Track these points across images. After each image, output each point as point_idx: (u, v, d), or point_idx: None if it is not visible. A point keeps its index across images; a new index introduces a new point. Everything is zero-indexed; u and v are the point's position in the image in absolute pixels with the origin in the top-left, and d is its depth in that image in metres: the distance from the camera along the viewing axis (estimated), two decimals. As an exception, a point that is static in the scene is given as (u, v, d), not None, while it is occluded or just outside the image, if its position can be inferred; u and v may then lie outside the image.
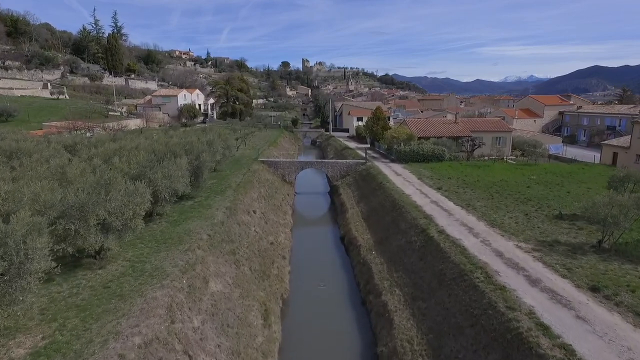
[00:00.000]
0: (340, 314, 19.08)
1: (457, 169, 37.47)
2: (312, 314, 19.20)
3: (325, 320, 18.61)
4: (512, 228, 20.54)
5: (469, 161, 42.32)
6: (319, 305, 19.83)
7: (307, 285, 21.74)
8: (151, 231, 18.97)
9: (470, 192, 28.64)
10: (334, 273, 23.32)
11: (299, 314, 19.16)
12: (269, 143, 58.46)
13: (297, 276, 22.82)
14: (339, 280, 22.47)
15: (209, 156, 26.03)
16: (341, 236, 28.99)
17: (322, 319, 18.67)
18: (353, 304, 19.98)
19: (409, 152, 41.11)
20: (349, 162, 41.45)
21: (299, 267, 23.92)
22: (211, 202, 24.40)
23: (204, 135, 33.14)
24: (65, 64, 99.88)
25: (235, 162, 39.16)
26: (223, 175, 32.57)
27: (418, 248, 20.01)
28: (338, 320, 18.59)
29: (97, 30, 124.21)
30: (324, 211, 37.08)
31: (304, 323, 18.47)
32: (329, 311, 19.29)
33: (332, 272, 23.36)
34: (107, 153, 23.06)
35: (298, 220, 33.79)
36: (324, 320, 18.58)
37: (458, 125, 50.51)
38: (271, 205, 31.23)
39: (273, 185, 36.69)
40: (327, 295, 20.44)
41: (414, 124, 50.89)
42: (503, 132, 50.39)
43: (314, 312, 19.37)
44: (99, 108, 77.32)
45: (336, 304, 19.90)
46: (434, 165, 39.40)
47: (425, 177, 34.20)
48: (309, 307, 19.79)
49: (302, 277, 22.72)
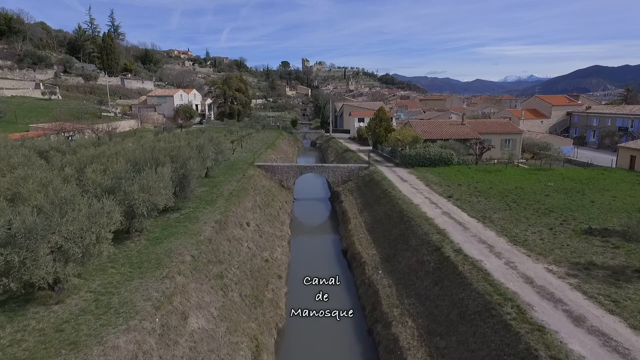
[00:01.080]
0: (343, 347, 16.63)
1: (466, 174, 35.04)
2: (310, 347, 16.75)
3: (326, 355, 16.16)
4: (538, 246, 18.10)
5: (478, 165, 39.88)
6: (318, 335, 17.37)
7: (305, 308, 19.25)
8: (127, 251, 16.56)
9: (484, 201, 26.21)
10: (335, 294, 20.87)
11: (296, 348, 16.71)
12: (267, 145, 56.03)
13: (294, 298, 20.37)
14: (341, 302, 20.01)
15: (198, 163, 23.59)
16: (343, 249, 26.55)
17: (322, 354, 16.22)
18: (358, 333, 17.53)
19: (414, 156, 38.67)
20: (350, 167, 39.02)
21: (297, 287, 21.46)
22: (199, 214, 21.97)
23: (196, 139, 30.71)
24: (59, 63, 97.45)
25: (230, 167, 36.73)
26: (215, 182, 30.14)
27: (432, 270, 17.57)
28: (341, 355, 16.15)
29: (93, 29, 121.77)
30: (324, 220, 34.64)
31: (301, 358, 16.04)
32: (331, 343, 16.84)
33: (334, 293, 20.92)
34: (83, 161, 20.64)
35: (296, 229, 31.36)
36: (324, 356, 16.13)
37: (465, 126, 48.06)
38: (267, 215, 28.79)
39: (270, 192, 34.26)
40: (328, 323, 17.97)
41: (419, 126, 48.47)
42: (512, 134, 47.96)
43: (313, 344, 16.92)
44: (92, 109, 74.92)
45: (338, 334, 17.44)
46: (441, 170, 36.97)
47: (434, 184, 31.77)
48: (308, 337, 17.34)
49: (300, 298, 20.27)
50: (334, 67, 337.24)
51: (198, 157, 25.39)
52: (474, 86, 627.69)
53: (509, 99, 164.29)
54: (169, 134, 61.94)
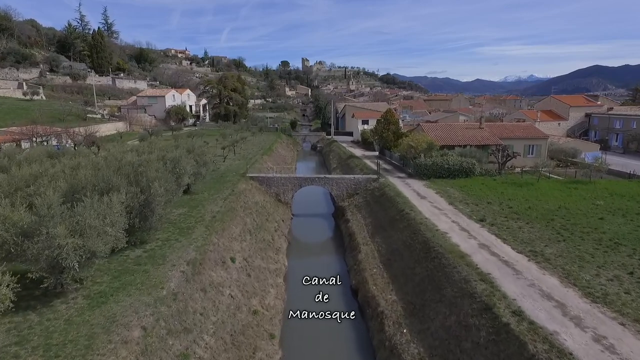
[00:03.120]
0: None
1: (493, 189, 30.03)
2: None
3: None
4: (628, 305, 13.08)
5: (502, 176, 34.85)
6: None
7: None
8: (50, 321, 11.55)
9: (526, 227, 21.19)
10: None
11: None
12: (263, 151, 51.00)
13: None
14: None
15: (171, 183, 18.54)
16: (353, 287, 21.51)
17: None
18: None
19: (431, 166, 33.64)
20: (357, 178, 33.98)
21: (294, 348, 16.42)
22: (168, 250, 16.94)
23: (175, 149, 25.71)
24: (45, 61, 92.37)
25: (218, 180, 31.71)
26: (197, 201, 25.12)
27: (485, 343, 12.53)
28: None
29: (83, 27, 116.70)
30: (328, 241, 29.61)
31: None
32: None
33: (344, 357, 15.89)
34: (9, 185, 15.62)
35: (295, 256, 26.33)
36: None
37: (484, 131, 43.06)
38: (259, 242, 23.75)
39: (264, 209, 29.23)
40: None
41: (432, 130, 43.46)
42: (537, 138, 42.99)
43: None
44: (77, 110, 69.86)
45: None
46: (462, 183, 31.96)
47: (458, 201, 26.75)
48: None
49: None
50: (334, 66, 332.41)
51: (172, 173, 20.36)
52: (474, 86, 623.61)
53: (514, 99, 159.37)
54: (157, 137, 57.04)
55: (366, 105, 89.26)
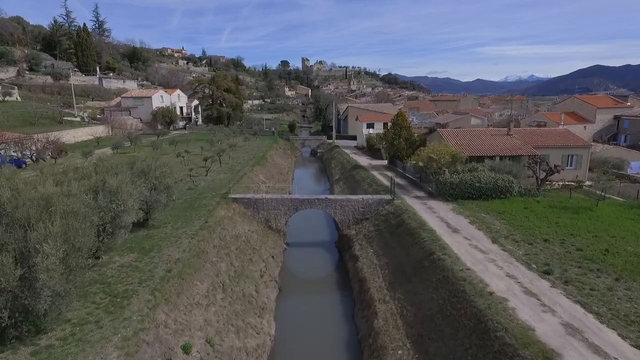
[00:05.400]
0: None
1: (541, 216, 23.45)
2: None
3: None
4: None
5: (544, 195, 28.25)
6: None
7: None
8: None
9: (619, 286, 14.63)
10: None
11: None
12: (256, 160, 44.41)
13: None
14: None
15: (87, 235, 11.97)
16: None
17: None
18: None
19: (458, 185, 27.07)
20: (366, 200, 27.37)
21: None
22: (75, 349, 10.41)
23: (131, 167, 19.17)
24: (24, 60, 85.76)
25: (192, 203, 25.16)
26: (155, 240, 18.58)
27: None
28: None
29: (70, 23, 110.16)
30: (331, 286, 22.98)
31: None
32: None
33: None
34: None
35: (286, 313, 19.75)
36: None
37: (514, 138, 36.48)
38: (236, 301, 17.17)
39: (247, 244, 22.66)
40: None
41: (451, 137, 36.88)
42: (577, 147, 36.35)
43: None
44: (52, 113, 63.34)
45: None
46: (499, 207, 25.38)
47: (503, 237, 20.18)
48: None
49: None
50: (335, 66, 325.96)
51: (106, 211, 13.82)
52: (475, 86, 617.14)
53: (519, 99, 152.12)
54: (134, 145, 50.53)
55: (370, 106, 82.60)
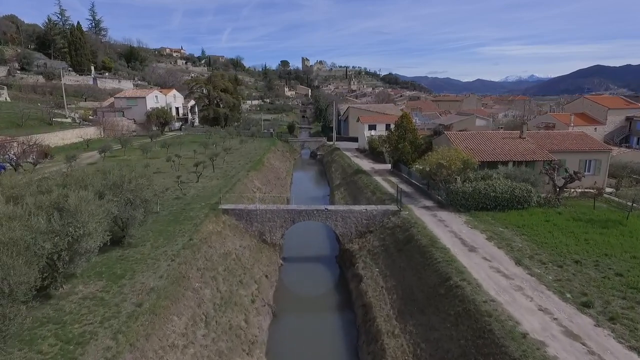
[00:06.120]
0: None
1: (566, 230, 20.99)
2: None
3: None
4: None
5: (564, 205, 25.78)
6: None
7: None
8: None
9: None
10: None
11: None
12: (252, 164, 41.96)
13: None
14: None
15: (19, 273, 9.53)
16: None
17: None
18: None
19: (471, 194, 24.60)
20: (370, 211, 24.90)
21: None
22: None
23: (94, 184, 16.75)
24: (15, 59, 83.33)
25: (178, 215, 22.71)
26: (129, 263, 16.14)
27: None
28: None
29: (64, 22, 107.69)
30: (331, 311, 20.56)
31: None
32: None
33: None
34: None
35: (280, 347, 17.32)
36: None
37: (527, 142, 34.03)
38: (221, 336, 14.70)
39: (238, 263, 20.21)
40: None
41: (460, 140, 34.42)
42: (595, 151, 33.90)
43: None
44: (42, 114, 60.91)
45: None
46: (518, 219, 22.93)
47: (527, 257, 17.72)
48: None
49: None
50: (335, 66, 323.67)
51: (63, 235, 11.36)
52: (475, 86, 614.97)
53: (522, 99, 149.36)
54: (125, 148, 48.09)
55: (372, 107, 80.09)
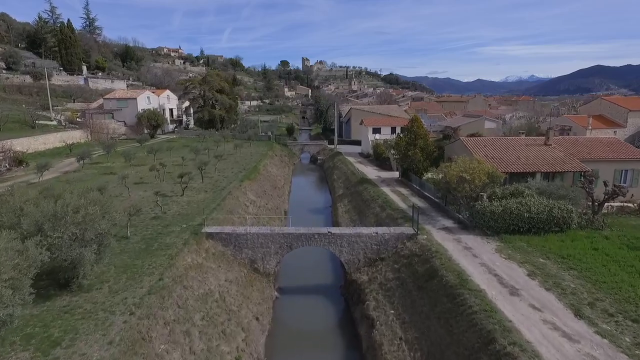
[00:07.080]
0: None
1: (622, 263, 17.12)
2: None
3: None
4: None
5: (608, 225, 21.93)
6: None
7: None
8: None
9: None
10: None
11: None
12: (246, 172, 38.10)
13: None
14: None
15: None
16: None
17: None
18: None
19: (500, 215, 20.74)
20: (381, 235, 21.03)
21: None
22: None
23: (31, 213, 12.88)
24: (0, 58, 79.48)
25: (151, 243, 18.84)
26: (75, 317, 12.32)
27: None
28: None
29: (55, 19, 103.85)
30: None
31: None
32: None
33: None
34: None
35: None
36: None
37: (554, 149, 30.22)
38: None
39: (221, 306, 16.33)
40: None
41: (478, 147, 30.68)
42: (632, 160, 30.11)
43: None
44: (23, 116, 57.09)
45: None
46: (559, 246, 19.08)
47: (586, 305, 13.85)
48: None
49: None
50: (335, 66, 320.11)
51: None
52: (475, 86, 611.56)
53: (526, 100, 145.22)
54: (109, 154, 44.24)
55: (375, 108, 76.19)
